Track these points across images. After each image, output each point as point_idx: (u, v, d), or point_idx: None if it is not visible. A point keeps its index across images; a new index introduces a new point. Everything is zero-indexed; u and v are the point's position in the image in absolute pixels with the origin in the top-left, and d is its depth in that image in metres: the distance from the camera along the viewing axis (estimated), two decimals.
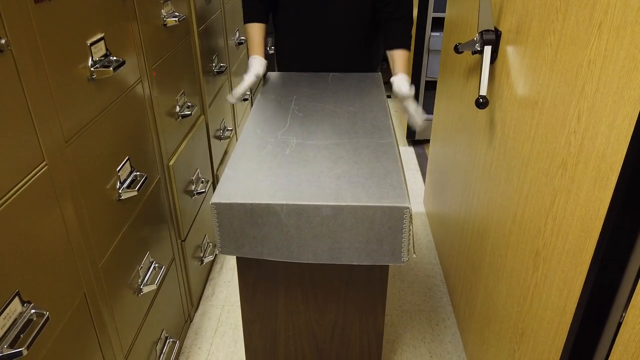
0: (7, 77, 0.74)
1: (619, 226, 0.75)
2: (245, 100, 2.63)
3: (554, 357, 0.95)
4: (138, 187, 1.17)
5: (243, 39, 2.53)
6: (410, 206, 1.01)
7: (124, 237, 1.16)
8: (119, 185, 1.13)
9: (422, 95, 2.94)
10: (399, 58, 1.61)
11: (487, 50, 1.23)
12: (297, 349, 1.35)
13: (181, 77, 1.60)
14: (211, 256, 1.86)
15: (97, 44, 1.02)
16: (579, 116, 0.86)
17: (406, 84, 1.53)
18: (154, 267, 1.34)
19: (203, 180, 1.81)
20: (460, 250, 1.67)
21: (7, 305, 0.73)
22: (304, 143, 1.26)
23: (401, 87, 1.52)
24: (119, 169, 1.13)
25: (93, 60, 1.00)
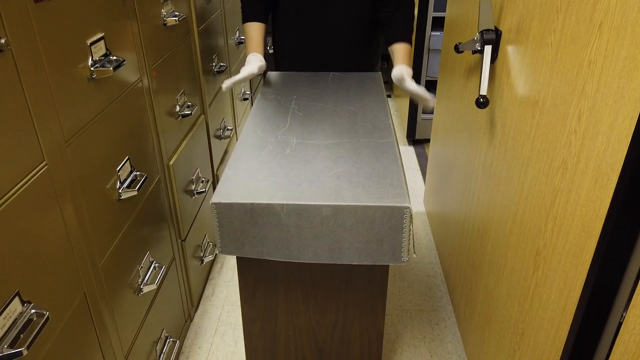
0: (7, 77, 0.74)
1: (620, 226, 0.75)
2: (245, 100, 2.63)
3: (554, 357, 0.95)
4: (138, 187, 1.17)
5: (243, 38, 2.52)
6: (410, 206, 1.01)
7: (124, 237, 1.16)
8: (119, 185, 1.13)
9: None
10: (399, 51, 1.60)
11: (488, 49, 1.23)
12: (297, 349, 1.35)
13: (181, 76, 1.60)
14: (211, 256, 1.86)
15: (97, 43, 1.02)
16: (579, 116, 0.86)
17: (405, 70, 1.50)
18: (154, 266, 1.34)
19: (203, 179, 1.81)
20: (460, 249, 1.67)
21: (7, 305, 0.73)
22: (304, 143, 1.26)
23: (397, 71, 1.50)
24: (119, 169, 1.13)
25: (93, 60, 1.00)
